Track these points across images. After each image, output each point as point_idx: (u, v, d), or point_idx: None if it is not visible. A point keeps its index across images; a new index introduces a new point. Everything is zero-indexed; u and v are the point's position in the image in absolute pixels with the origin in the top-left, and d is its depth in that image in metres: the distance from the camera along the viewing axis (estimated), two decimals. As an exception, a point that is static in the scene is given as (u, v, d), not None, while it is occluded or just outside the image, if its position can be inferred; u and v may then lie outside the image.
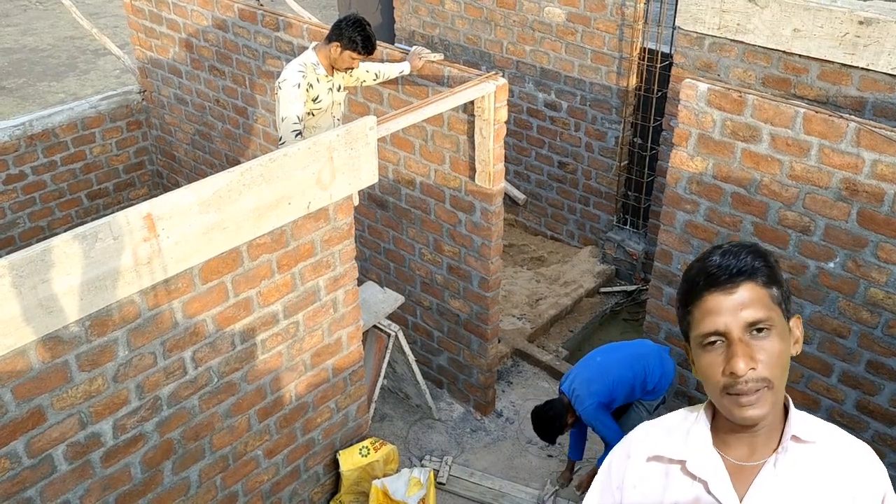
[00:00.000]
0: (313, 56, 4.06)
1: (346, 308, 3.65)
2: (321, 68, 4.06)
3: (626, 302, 5.95)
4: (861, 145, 3.28)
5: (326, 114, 4.18)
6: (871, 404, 3.66)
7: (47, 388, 2.66)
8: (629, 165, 5.90)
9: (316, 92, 4.06)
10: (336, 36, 3.98)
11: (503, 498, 4.27)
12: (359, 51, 3.96)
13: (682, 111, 3.74)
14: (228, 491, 3.47)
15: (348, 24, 3.96)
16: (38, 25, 12.00)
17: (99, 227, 2.55)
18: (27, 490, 2.73)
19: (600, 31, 5.56)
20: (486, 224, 4.18)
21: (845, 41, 4.26)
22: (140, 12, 5.78)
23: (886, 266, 3.39)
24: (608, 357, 4.01)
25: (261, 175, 2.94)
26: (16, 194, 5.60)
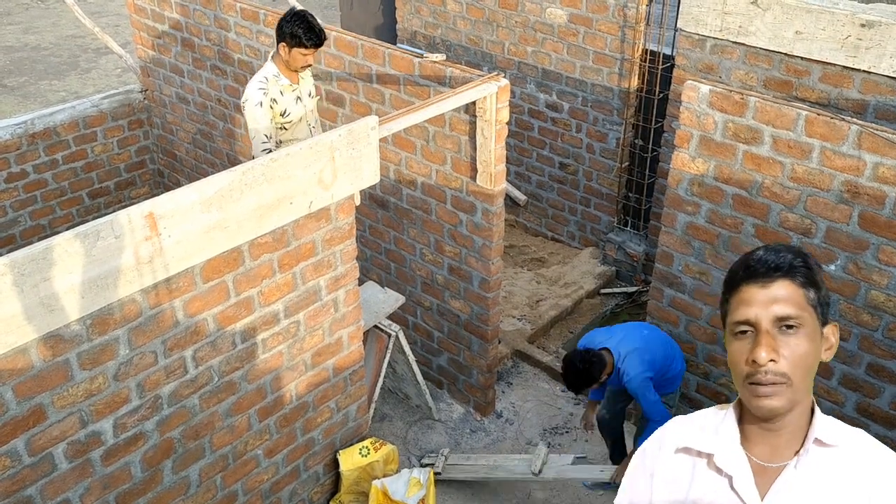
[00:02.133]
0: (272, 68, 3.92)
1: (346, 308, 3.65)
2: (283, 79, 3.91)
3: (626, 304, 5.95)
4: (863, 148, 3.28)
5: (301, 123, 4.10)
6: (871, 407, 3.66)
7: (48, 387, 2.66)
8: (630, 167, 5.90)
9: (282, 105, 3.92)
10: (280, 36, 3.81)
11: (497, 469, 4.24)
12: (304, 44, 3.80)
13: (683, 113, 3.74)
14: (228, 490, 3.47)
15: (287, 20, 3.79)
16: (39, 24, 12.01)
17: (100, 225, 2.56)
18: (27, 488, 2.73)
19: (602, 32, 5.56)
20: (487, 225, 4.19)
21: (847, 44, 4.26)
22: (142, 11, 5.79)
23: (887, 269, 3.38)
24: (653, 333, 3.97)
25: (262, 174, 2.95)
26: (17, 192, 5.60)
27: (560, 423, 4.81)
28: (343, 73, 4.57)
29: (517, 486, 4.40)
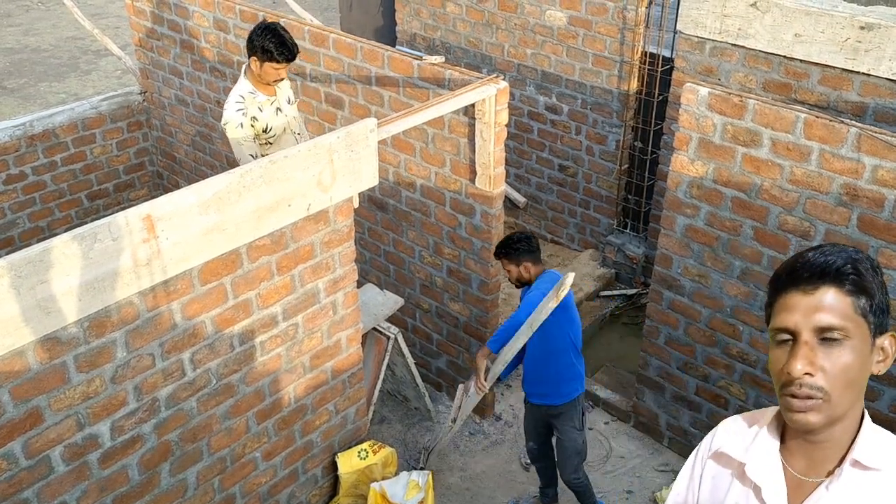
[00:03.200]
0: (246, 84, 3.83)
1: (345, 310, 3.64)
2: (260, 95, 3.84)
3: (626, 306, 5.95)
4: (862, 150, 3.28)
5: (286, 134, 4.05)
6: (870, 410, 3.65)
7: (45, 389, 2.65)
8: (630, 169, 5.89)
9: (263, 122, 3.85)
10: (251, 50, 3.72)
11: None
12: (276, 59, 3.71)
13: (682, 115, 3.74)
14: (226, 493, 3.46)
15: (258, 33, 3.69)
16: (39, 26, 12.01)
17: (98, 227, 2.55)
18: (24, 491, 2.72)
19: (601, 34, 5.56)
20: (486, 227, 4.18)
21: (846, 46, 4.25)
22: (141, 13, 5.79)
23: (887, 271, 3.38)
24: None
25: (261, 177, 2.94)
26: (16, 194, 5.60)
27: (559, 425, 4.80)
28: (342, 75, 4.57)
29: (517, 488, 4.39)
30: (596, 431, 4.71)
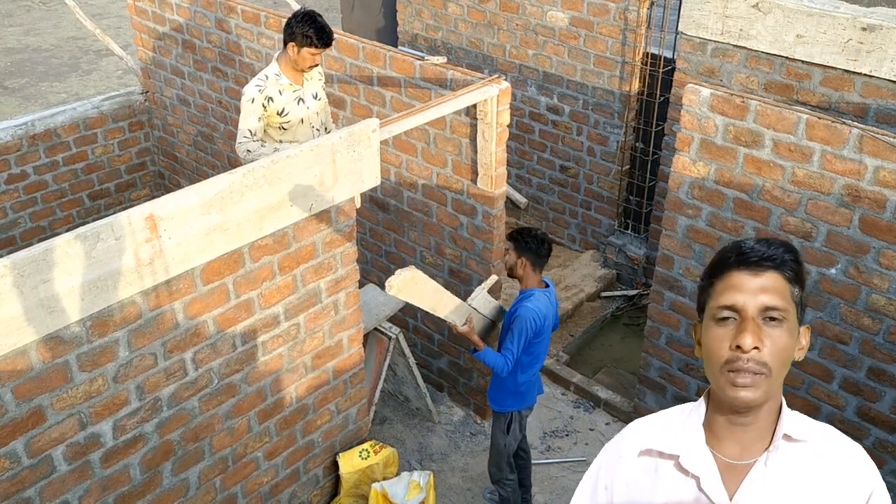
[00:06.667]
0: (275, 67, 3.96)
1: (347, 310, 3.64)
2: (284, 78, 3.94)
3: (627, 307, 5.95)
4: (863, 152, 3.28)
5: (304, 125, 4.10)
6: (871, 411, 3.65)
7: (47, 389, 2.65)
8: (631, 170, 5.90)
9: (279, 104, 3.94)
10: (289, 36, 3.86)
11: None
12: (315, 44, 3.85)
13: (684, 116, 3.74)
14: (228, 493, 3.46)
15: (297, 20, 3.83)
16: (41, 26, 12.02)
17: (101, 227, 2.55)
18: (26, 490, 2.72)
19: (603, 35, 5.56)
20: (487, 227, 4.18)
21: (848, 47, 4.26)
22: (143, 13, 5.79)
23: (888, 272, 3.38)
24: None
25: (263, 177, 2.94)
26: (17, 194, 5.60)
27: (560, 425, 4.80)
28: (344, 75, 4.57)
29: (517, 489, 4.39)
30: (597, 432, 4.71)
